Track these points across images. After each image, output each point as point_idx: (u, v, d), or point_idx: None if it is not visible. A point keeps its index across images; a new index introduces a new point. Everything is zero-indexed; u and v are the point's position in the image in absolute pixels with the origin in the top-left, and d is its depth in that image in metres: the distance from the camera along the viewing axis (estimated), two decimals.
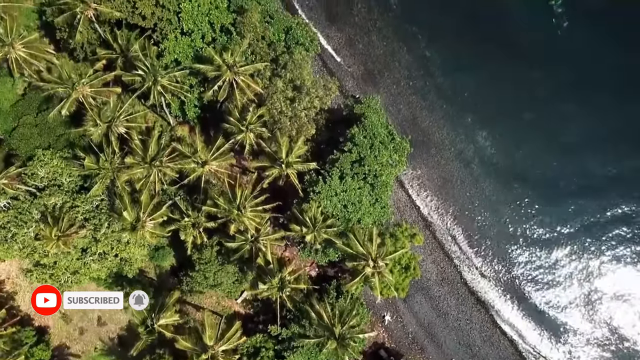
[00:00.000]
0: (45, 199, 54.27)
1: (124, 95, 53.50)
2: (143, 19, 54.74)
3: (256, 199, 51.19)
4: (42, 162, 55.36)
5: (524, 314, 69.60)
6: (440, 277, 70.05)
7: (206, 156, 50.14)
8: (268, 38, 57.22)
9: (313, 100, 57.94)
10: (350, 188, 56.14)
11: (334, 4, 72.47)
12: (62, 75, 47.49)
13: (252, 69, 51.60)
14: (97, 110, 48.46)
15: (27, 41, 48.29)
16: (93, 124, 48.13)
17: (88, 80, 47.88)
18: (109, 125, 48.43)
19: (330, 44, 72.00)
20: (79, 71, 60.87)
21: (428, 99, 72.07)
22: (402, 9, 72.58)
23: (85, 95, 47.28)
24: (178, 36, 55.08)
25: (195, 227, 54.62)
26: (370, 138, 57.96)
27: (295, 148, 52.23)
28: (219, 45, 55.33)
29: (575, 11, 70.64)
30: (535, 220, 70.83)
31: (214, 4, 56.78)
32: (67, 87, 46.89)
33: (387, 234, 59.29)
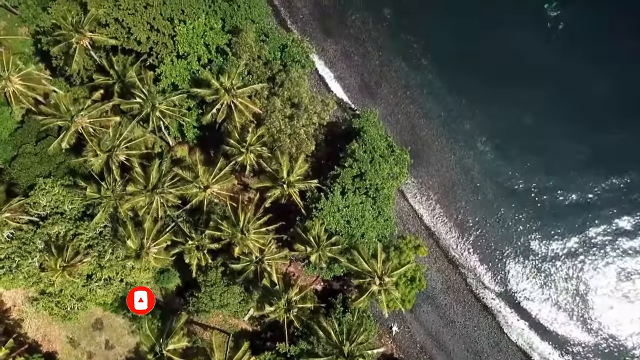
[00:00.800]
0: (49, 228, 54.35)
1: (122, 119, 53.45)
2: (138, 44, 54.78)
3: (259, 220, 51.15)
4: (43, 191, 55.48)
5: (531, 319, 69.55)
6: (445, 285, 70.06)
7: (208, 180, 50.16)
8: (264, 57, 57.24)
9: (312, 116, 58.00)
10: (352, 203, 56.17)
11: (327, 17, 72.49)
12: (61, 108, 47.41)
13: (250, 90, 51.61)
14: (97, 141, 48.48)
15: (24, 74, 48.24)
16: (93, 154, 48.18)
17: (87, 111, 47.87)
18: (110, 154, 48.43)
19: (326, 57, 72.02)
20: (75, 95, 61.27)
21: (426, 108, 72.07)
22: (396, 19, 72.60)
23: (84, 126, 47.30)
24: (174, 59, 55.09)
25: (199, 250, 54.64)
26: (370, 152, 57.99)
27: (296, 167, 52.26)
28: (216, 66, 55.36)
29: (569, 14, 70.59)
30: (537, 223, 70.82)
31: (209, 25, 56.80)
32: (66, 120, 46.88)
33: (391, 246, 59.45)
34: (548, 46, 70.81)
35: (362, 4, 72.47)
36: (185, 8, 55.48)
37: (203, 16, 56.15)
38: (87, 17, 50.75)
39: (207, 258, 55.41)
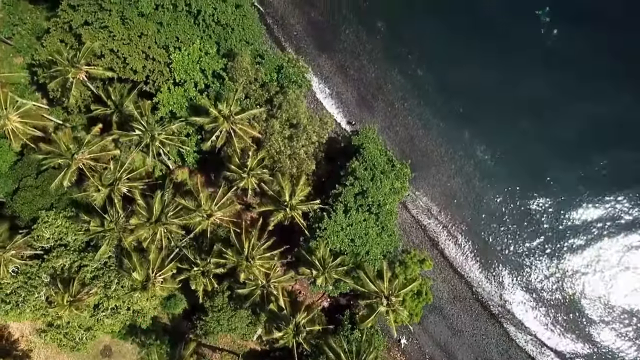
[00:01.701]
0: (53, 261, 54.35)
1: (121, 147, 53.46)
2: (134, 73, 54.85)
3: (263, 245, 51.19)
4: (46, 224, 55.46)
5: (539, 324, 69.68)
6: (452, 295, 70.15)
7: (211, 208, 50.19)
8: (260, 79, 57.28)
9: (311, 136, 58.09)
10: (355, 221, 56.21)
11: (321, 32, 72.48)
12: (61, 147, 47.45)
13: (249, 115, 51.63)
14: (98, 176, 48.52)
15: (22, 111, 48.27)
16: (95, 189, 48.19)
17: (87, 147, 47.93)
18: (112, 188, 48.48)
19: (321, 73, 72.04)
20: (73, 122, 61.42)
21: (424, 118, 72.10)
22: (390, 31, 72.58)
23: (85, 163, 47.35)
24: (171, 87, 55.14)
25: (204, 276, 54.65)
26: (371, 169, 58.05)
27: (298, 190, 52.32)
28: (213, 92, 55.42)
29: (562, 18, 70.60)
30: (541, 229, 70.90)
31: (204, 50, 56.86)
32: (67, 158, 46.94)
33: (396, 262, 59.54)
34: (543, 52, 70.80)
35: (355, 18, 72.41)
36: (179, 35, 55.54)
37: (198, 41, 56.19)
38: (82, 51, 50.75)
39: (213, 283, 55.45)
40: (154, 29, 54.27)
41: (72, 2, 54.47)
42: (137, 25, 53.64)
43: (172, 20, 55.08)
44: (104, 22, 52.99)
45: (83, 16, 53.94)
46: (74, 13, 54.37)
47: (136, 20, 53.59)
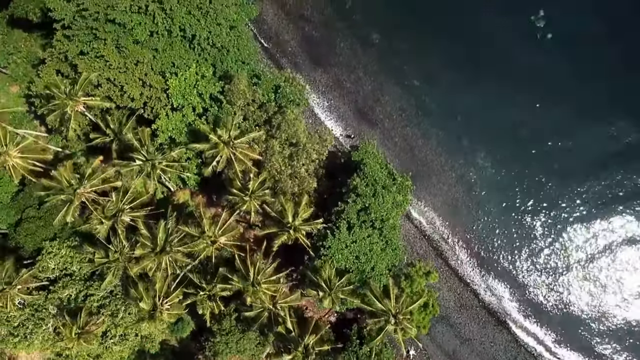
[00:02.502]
0: (59, 292, 54.38)
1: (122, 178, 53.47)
2: (132, 101, 54.89)
3: (269, 268, 51.20)
4: (50, 255, 55.52)
5: (546, 329, 69.77)
6: (458, 304, 70.20)
7: (214, 233, 50.18)
8: (258, 100, 57.28)
9: (311, 154, 58.18)
10: (359, 238, 56.23)
11: (316, 47, 72.42)
12: (62, 183, 47.45)
13: (248, 139, 51.65)
14: (101, 208, 48.53)
15: (22, 147, 48.26)
16: (98, 222, 48.19)
17: (88, 181, 47.91)
18: (115, 219, 48.49)
19: (318, 87, 72.01)
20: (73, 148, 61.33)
21: (422, 128, 72.10)
22: (385, 43, 72.53)
23: (87, 197, 47.37)
24: (169, 113, 55.15)
25: (211, 299, 54.66)
26: (372, 185, 58.05)
27: (301, 211, 52.29)
28: (211, 115, 55.38)
29: (556, 23, 70.63)
30: (544, 233, 70.99)
31: (200, 73, 56.88)
32: (69, 194, 46.96)
33: (401, 275, 59.58)
34: (540, 57, 70.72)
35: (350, 31, 72.37)
36: (175, 60, 55.55)
37: (194, 65, 56.21)
38: (79, 83, 50.76)
39: (220, 305, 55.49)
40: (150, 56, 54.28)
41: (67, 33, 54.42)
42: (133, 53, 53.66)
43: (168, 46, 55.10)
44: (99, 51, 52.96)
45: (78, 46, 53.94)
46: (69, 43, 54.37)
47: (131, 48, 53.61)
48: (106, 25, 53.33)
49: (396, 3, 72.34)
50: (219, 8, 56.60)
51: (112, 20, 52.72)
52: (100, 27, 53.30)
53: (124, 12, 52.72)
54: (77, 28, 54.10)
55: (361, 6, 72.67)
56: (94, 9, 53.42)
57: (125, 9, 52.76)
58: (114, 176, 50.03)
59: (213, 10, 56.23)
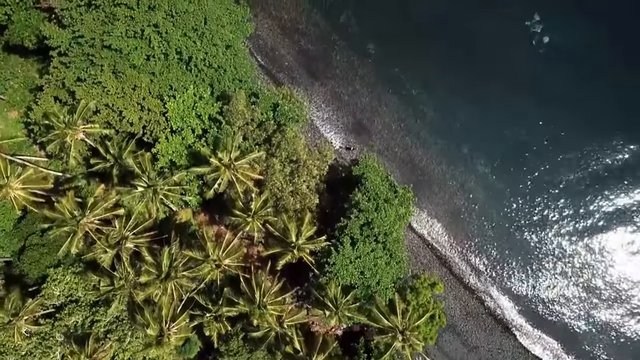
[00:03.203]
0: (66, 319, 54.32)
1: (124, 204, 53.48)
2: (131, 125, 54.90)
3: (274, 288, 51.21)
4: (55, 282, 55.50)
5: (553, 334, 69.83)
6: (464, 312, 70.26)
7: (219, 256, 50.19)
8: (257, 119, 57.26)
9: (311, 170, 58.20)
10: (363, 253, 56.17)
11: (312, 61, 72.47)
12: (65, 215, 47.48)
13: (249, 160, 51.65)
14: (105, 237, 48.55)
15: (24, 178, 48.28)
16: (102, 251, 48.21)
17: (91, 212, 47.94)
18: (119, 247, 48.53)
19: (316, 101, 72.07)
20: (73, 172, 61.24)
21: (421, 138, 72.17)
22: (381, 53, 72.59)
23: (90, 227, 47.41)
24: (169, 136, 55.15)
25: (217, 320, 54.68)
26: (374, 199, 58.02)
27: (304, 230, 52.29)
28: (211, 137, 55.35)
29: (551, 28, 70.69)
30: (547, 238, 71.07)
31: (198, 95, 56.85)
32: (72, 226, 47.00)
33: (407, 288, 59.61)
34: (538, 61, 70.87)
35: (345, 43, 72.44)
36: (172, 83, 55.55)
37: (191, 87, 56.19)
38: (78, 112, 50.78)
39: (227, 326, 55.49)
40: (147, 80, 54.30)
41: (64, 60, 54.44)
42: (130, 78, 53.68)
43: (165, 69, 55.10)
44: (96, 77, 52.98)
45: (75, 73, 53.96)
46: (66, 70, 54.39)
47: (129, 72, 53.63)
48: (102, 51, 53.35)
49: (391, 13, 72.40)
50: (215, 29, 56.62)
51: (108, 46, 52.69)
52: (97, 53, 53.33)
53: (120, 38, 52.72)
54: (73, 55, 54.14)
55: (356, 18, 72.76)
56: (90, 36, 53.47)
57: (121, 34, 52.76)
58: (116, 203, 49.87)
59: (209, 31, 56.25)
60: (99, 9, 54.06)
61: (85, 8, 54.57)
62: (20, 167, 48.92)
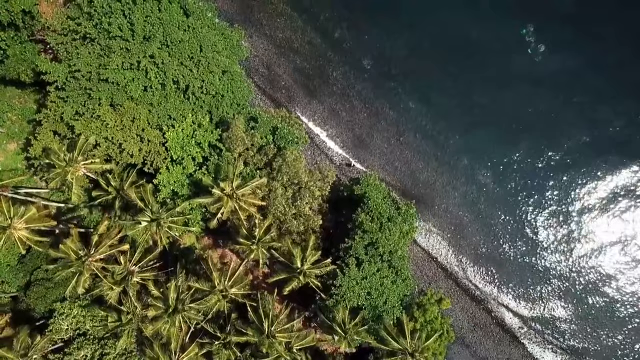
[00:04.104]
0: (75, 354, 54.11)
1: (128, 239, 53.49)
2: (131, 157, 54.85)
3: (282, 316, 51.22)
4: (63, 315, 55.39)
5: (560, 341, 69.88)
6: (472, 323, 70.32)
7: (225, 287, 50.21)
8: (257, 143, 57.28)
9: (314, 192, 58.19)
10: (369, 274, 56.23)
11: (309, 79, 72.44)
12: (71, 256, 47.47)
13: (251, 189, 51.64)
14: (111, 274, 48.56)
15: (27, 218, 48.25)
16: (109, 288, 48.22)
17: (96, 251, 47.91)
18: (125, 284, 48.54)
19: (314, 119, 72.12)
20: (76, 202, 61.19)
21: (421, 150, 72.22)
22: (377, 68, 72.64)
23: (96, 266, 47.42)
24: (169, 166, 55.12)
25: (226, 347, 54.69)
26: (377, 218, 58.09)
27: (309, 255, 52.30)
28: (212, 165, 55.34)
29: (546, 36, 70.77)
30: (551, 244, 71.17)
31: (197, 122, 56.88)
32: (78, 266, 47.00)
33: (414, 305, 59.65)
34: (533, 71, 70.96)
35: (341, 60, 72.44)
36: (171, 113, 55.54)
37: (190, 115, 56.20)
38: (78, 148, 50.74)
39: (236, 352, 55.44)
40: (146, 111, 54.28)
41: (61, 94, 54.39)
42: (129, 110, 53.66)
43: (162, 99, 55.08)
44: (95, 111, 52.96)
45: (73, 107, 53.91)
46: (64, 104, 54.33)
47: (127, 105, 53.62)
48: (100, 84, 53.32)
49: (386, 28, 72.41)
50: (210, 55, 56.63)
51: (105, 79, 52.68)
52: (94, 86, 53.29)
53: (117, 70, 52.70)
54: (70, 89, 54.10)
55: (351, 34, 72.79)
56: (86, 69, 53.42)
57: (117, 66, 52.74)
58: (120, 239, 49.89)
59: (205, 59, 56.26)
60: (94, 42, 54.02)
61: (80, 42, 54.54)
62: (23, 207, 48.76)
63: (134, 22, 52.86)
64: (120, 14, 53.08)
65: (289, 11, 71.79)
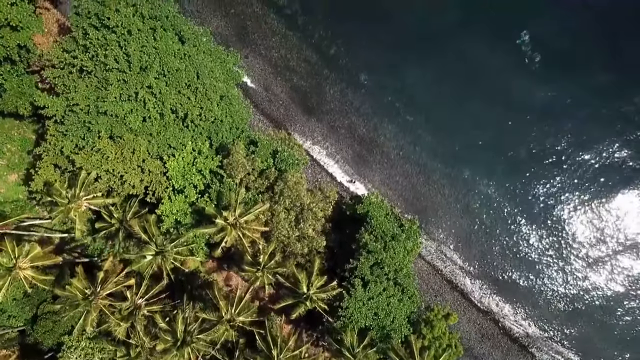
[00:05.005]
0: None
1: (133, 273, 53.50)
2: (133, 188, 54.83)
3: (290, 342, 51.22)
4: (71, 349, 55.41)
5: (570, 349, 69.92)
6: (479, 334, 70.36)
7: (232, 316, 50.20)
8: (258, 167, 57.27)
9: (316, 213, 58.16)
10: (375, 294, 56.24)
11: (306, 97, 72.44)
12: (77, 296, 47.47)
13: (254, 216, 51.63)
14: (118, 311, 48.56)
15: (32, 256, 48.24)
16: (116, 324, 48.23)
17: (103, 288, 47.91)
18: (133, 318, 48.53)
19: (314, 137, 72.10)
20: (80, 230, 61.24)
21: (421, 163, 72.26)
22: (373, 83, 72.65)
23: (103, 304, 47.42)
24: (172, 196, 55.08)
25: None
26: (381, 238, 58.07)
27: (314, 280, 52.29)
28: (214, 192, 55.28)
29: (542, 44, 70.78)
30: (556, 252, 71.21)
31: (197, 149, 56.87)
32: (85, 305, 46.99)
33: (421, 322, 59.64)
34: (531, 80, 70.96)
35: (337, 77, 72.43)
36: (171, 142, 55.48)
37: (189, 143, 56.19)
38: (79, 184, 50.73)
39: None
40: (146, 142, 54.25)
41: (60, 128, 54.33)
42: (129, 142, 53.64)
43: (161, 128, 55.03)
44: (95, 145, 52.95)
45: (73, 141, 53.84)
46: (63, 138, 54.26)
47: (126, 136, 53.59)
48: (98, 117, 53.27)
49: (382, 42, 72.35)
50: (207, 82, 56.59)
51: (104, 112, 52.64)
52: (93, 119, 53.23)
53: (115, 103, 52.61)
54: (69, 123, 53.99)
55: (346, 50, 72.74)
56: (84, 103, 53.28)
57: (115, 98, 52.67)
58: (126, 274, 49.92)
59: (202, 86, 56.22)
60: (91, 75, 53.96)
61: (77, 74, 54.49)
62: (27, 245, 48.73)
63: (130, 53, 52.79)
64: (116, 45, 53.03)
65: (283, 30, 71.74)
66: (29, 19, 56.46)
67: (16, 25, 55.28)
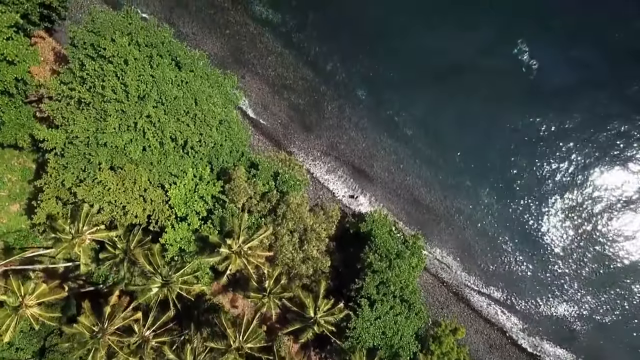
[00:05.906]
0: None
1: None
2: (136, 217, 54.81)
3: None
4: None
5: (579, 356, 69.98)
6: (487, 345, 70.38)
7: (240, 343, 50.17)
8: (259, 191, 57.27)
9: (320, 233, 58.19)
10: (382, 313, 56.31)
11: (305, 114, 72.39)
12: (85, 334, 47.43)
13: (258, 241, 51.61)
14: (126, 345, 48.49)
15: (38, 294, 48.18)
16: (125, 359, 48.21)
17: (110, 324, 47.84)
18: (141, 352, 48.49)
19: (314, 154, 72.04)
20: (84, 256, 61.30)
21: (422, 176, 72.28)
22: (371, 98, 72.65)
23: (111, 340, 47.35)
24: (174, 224, 55.07)
25: None
26: (386, 256, 58.10)
27: (321, 304, 52.27)
28: (217, 218, 55.26)
29: (539, 52, 70.86)
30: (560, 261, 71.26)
31: (198, 175, 56.86)
32: (94, 343, 46.93)
33: (429, 338, 59.67)
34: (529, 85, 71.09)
35: (335, 93, 72.41)
36: (171, 170, 55.41)
37: (190, 170, 56.16)
38: (82, 219, 50.69)
39: None
40: (147, 171, 54.21)
41: (60, 161, 54.29)
42: (129, 172, 53.59)
43: (162, 156, 54.98)
44: (96, 177, 52.91)
45: (74, 173, 53.81)
46: (64, 171, 54.23)
47: (127, 167, 53.54)
48: (98, 149, 53.25)
49: (378, 56, 72.42)
50: (206, 108, 56.52)
51: (104, 143, 52.62)
52: (93, 151, 53.22)
53: (114, 133, 52.58)
54: (69, 155, 53.97)
55: (343, 66, 72.73)
56: (84, 135, 53.25)
57: (114, 129, 52.65)
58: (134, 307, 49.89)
59: (200, 112, 56.15)
60: (89, 107, 53.92)
61: (75, 106, 54.44)
62: (32, 283, 48.68)
63: (127, 83, 52.78)
64: (113, 75, 53.02)
65: (279, 49, 71.72)
66: (26, 53, 56.40)
67: (12, 59, 55.21)
